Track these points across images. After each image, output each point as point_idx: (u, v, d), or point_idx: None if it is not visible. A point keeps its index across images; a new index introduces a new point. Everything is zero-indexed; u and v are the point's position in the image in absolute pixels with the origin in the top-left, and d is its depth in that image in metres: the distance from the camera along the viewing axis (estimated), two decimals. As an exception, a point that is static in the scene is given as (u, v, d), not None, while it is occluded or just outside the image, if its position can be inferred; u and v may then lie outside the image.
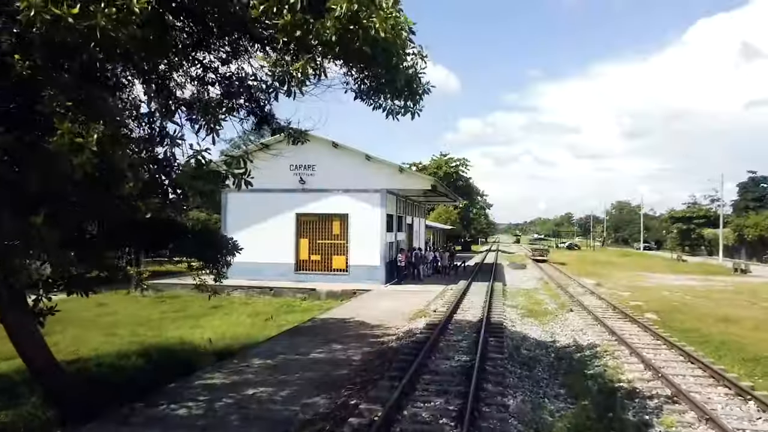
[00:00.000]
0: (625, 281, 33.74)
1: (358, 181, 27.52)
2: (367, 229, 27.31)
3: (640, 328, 15.76)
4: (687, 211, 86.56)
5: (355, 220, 27.54)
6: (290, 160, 27.99)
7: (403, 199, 32.64)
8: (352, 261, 27.57)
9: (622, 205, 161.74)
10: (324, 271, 27.96)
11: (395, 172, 26.99)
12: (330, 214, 27.94)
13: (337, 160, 27.81)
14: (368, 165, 27.48)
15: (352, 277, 27.45)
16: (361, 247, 27.40)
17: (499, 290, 24.53)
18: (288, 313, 21.70)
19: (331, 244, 28.00)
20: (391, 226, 29.61)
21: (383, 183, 27.31)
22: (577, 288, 27.47)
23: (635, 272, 43.44)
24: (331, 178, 27.72)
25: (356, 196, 27.55)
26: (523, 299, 22.50)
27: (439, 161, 71.63)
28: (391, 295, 23.24)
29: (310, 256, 28.14)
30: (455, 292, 23.18)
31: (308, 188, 27.90)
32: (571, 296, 23.25)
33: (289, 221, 28.05)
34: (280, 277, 27.89)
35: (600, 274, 38.74)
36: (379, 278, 27.21)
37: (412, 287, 26.38)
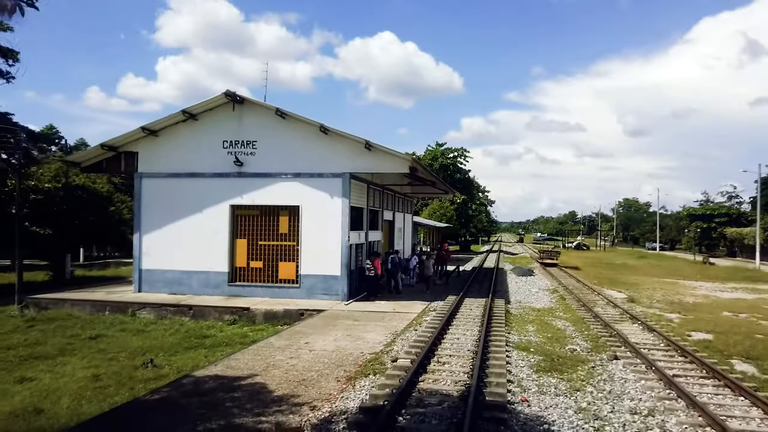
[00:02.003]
0: (660, 293, 26.68)
1: (312, 161, 20.56)
2: (325, 227, 20.36)
3: (752, 405, 8.76)
4: (707, 208, 79.33)
5: (308, 214, 20.58)
6: (223, 134, 21.12)
7: (378, 188, 25.60)
8: (304, 269, 20.59)
9: (630, 203, 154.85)
10: (267, 283, 20.97)
11: (361, 150, 20.00)
12: (275, 207, 20.97)
13: (285, 134, 20.83)
14: (325, 140, 20.49)
15: (304, 291, 20.50)
16: (316, 251, 20.44)
17: (500, 312, 17.51)
18: (191, 348, 14.84)
19: (276, 246, 21.01)
20: (359, 223, 22.60)
21: (346, 164, 20.32)
22: (606, 307, 20.41)
23: (663, 279, 36.38)
24: (276, 159, 20.76)
25: (310, 182, 20.58)
26: (535, 330, 15.44)
27: (435, 151, 64.43)
28: (347, 322, 16.23)
29: (250, 263, 21.15)
30: (437, 318, 16.17)
31: (247, 172, 20.93)
32: (603, 323, 16.23)
33: (221, 216, 21.09)
34: (210, 290, 20.98)
35: (625, 283, 31.69)
36: (340, 293, 20.23)
37: (381, 306, 19.37)
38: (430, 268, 24.48)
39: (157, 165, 21.56)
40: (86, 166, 22.24)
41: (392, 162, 20.02)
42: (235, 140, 21.02)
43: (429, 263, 24.51)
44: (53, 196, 30.09)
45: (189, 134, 21.42)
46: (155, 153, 21.60)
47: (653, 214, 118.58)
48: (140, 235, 21.58)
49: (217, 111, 21.24)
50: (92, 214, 31.33)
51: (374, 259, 22.06)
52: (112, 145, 21.38)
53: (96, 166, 22.25)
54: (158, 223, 21.48)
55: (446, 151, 64.69)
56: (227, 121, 21.11)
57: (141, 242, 21.58)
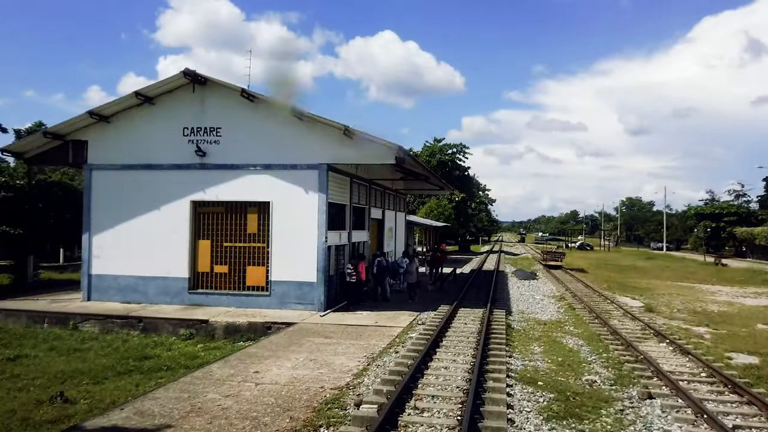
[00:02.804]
0: (678, 300, 23.97)
1: (284, 151, 17.89)
2: (299, 226, 17.70)
3: None
4: (715, 206, 76.52)
5: (280, 211, 17.91)
6: (183, 120, 18.45)
7: (364, 183, 22.90)
8: (275, 275, 17.91)
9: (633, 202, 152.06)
10: (233, 290, 18.29)
11: (340, 138, 17.31)
12: (243, 203, 18.30)
13: (253, 119, 18.15)
14: (299, 127, 17.81)
15: (275, 300, 17.82)
16: (289, 254, 17.77)
17: (500, 327, 14.82)
18: (124, 373, 12.23)
19: (244, 248, 18.33)
20: (339, 221, 19.91)
21: (323, 154, 17.65)
22: (624, 319, 17.70)
23: (677, 283, 33.67)
24: (244, 148, 18.09)
25: (282, 174, 17.90)
26: (542, 352, 12.74)
27: (433, 147, 61.62)
28: (316, 340, 13.55)
29: (213, 267, 18.47)
30: (425, 335, 13.48)
31: (210, 163, 18.26)
32: (623, 341, 13.54)
33: (181, 213, 18.42)
34: (168, 299, 18.32)
35: (637, 288, 28.98)
36: (316, 302, 17.55)
37: (362, 318, 16.69)
38: (415, 274, 21.30)
39: (109, 155, 18.88)
40: (30, 156, 19.59)
41: (376, 151, 17.32)
42: (196, 127, 18.34)
43: (413, 268, 21.28)
44: (27, 194, 28.42)
45: (145, 120, 18.74)
46: (107, 142, 18.92)
47: (658, 213, 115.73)
48: (89, 235, 18.90)
49: (176, 94, 18.57)
50: (70, 213, 29.05)
51: (358, 263, 19.38)
52: (57, 132, 18.70)
53: (41, 157, 19.59)
54: (110, 221, 18.81)
55: (444, 147, 61.89)
56: (188, 106, 18.43)
57: (90, 244, 18.90)
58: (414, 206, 58.75)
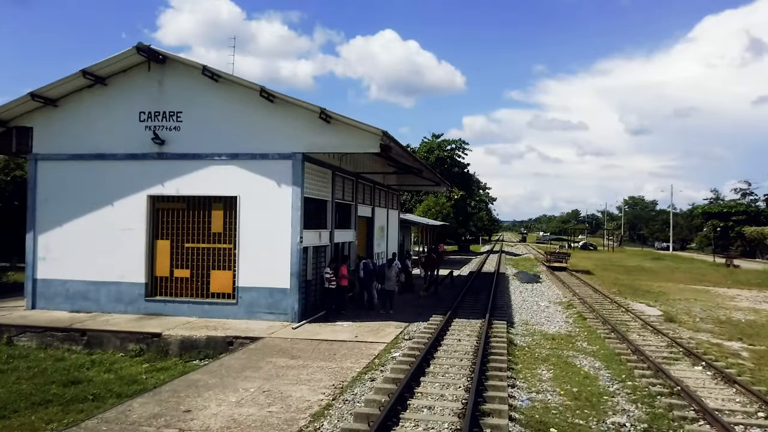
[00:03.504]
0: (698, 307, 21.66)
1: (254, 138, 15.63)
2: (270, 224, 15.44)
3: None
4: (723, 205, 74.11)
5: (248, 207, 15.64)
6: (139, 104, 16.18)
7: (350, 177, 20.58)
8: (243, 280, 15.63)
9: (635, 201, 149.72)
10: (196, 297, 16.02)
11: (317, 123, 15.03)
12: (206, 198, 16.03)
13: (218, 102, 15.87)
14: (270, 110, 15.52)
15: (242, 309, 15.55)
16: (259, 256, 15.51)
17: (500, 344, 12.53)
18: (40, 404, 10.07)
19: (208, 250, 16.05)
20: (319, 219, 17.62)
21: (297, 142, 15.36)
22: (644, 331, 15.39)
23: (690, 286, 31.35)
24: (207, 135, 15.82)
25: (251, 165, 15.62)
26: (552, 378, 10.43)
27: (431, 143, 59.22)
28: (279, 362, 11.25)
29: (174, 271, 16.19)
30: (410, 355, 11.18)
31: (169, 152, 15.99)
32: (650, 363, 11.27)
33: (137, 210, 16.15)
34: (123, 307, 16.08)
35: (650, 292, 26.67)
36: (289, 311, 15.27)
37: (340, 331, 14.40)
38: (393, 281, 18.13)
39: (57, 144, 16.61)
40: (-31, 145, 17.30)
41: (358, 138, 15.03)
42: (154, 111, 16.06)
43: (392, 273, 18.10)
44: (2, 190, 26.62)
45: (97, 104, 16.45)
46: (54, 129, 16.65)
47: (662, 213, 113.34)
48: (34, 234, 16.63)
49: (132, 74, 16.28)
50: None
51: (340, 266, 17.11)
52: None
53: (-18, 146, 17.30)
54: (57, 219, 16.53)
55: (443, 144, 59.48)
56: (144, 87, 16.15)
57: (35, 244, 16.63)
58: (411, 204, 56.43)
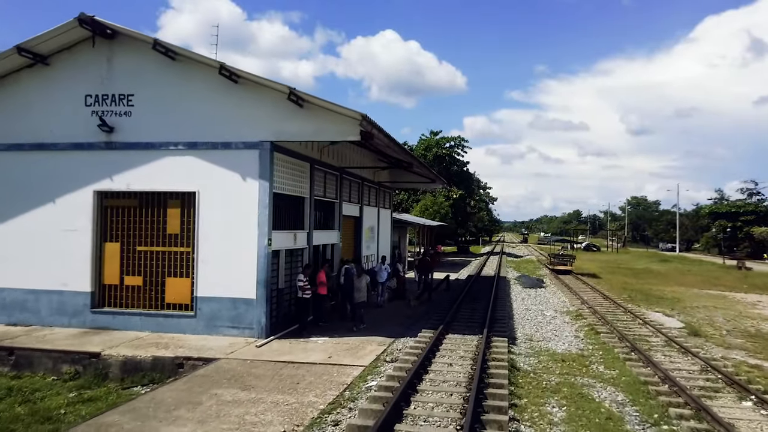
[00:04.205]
0: (721, 316, 19.51)
1: (215, 125, 13.50)
2: (234, 224, 13.31)
3: None
4: (731, 205, 71.85)
5: (209, 204, 13.51)
6: (85, 86, 14.06)
7: (333, 171, 18.41)
8: (203, 289, 13.49)
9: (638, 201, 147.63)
10: (149, 309, 13.88)
11: (288, 106, 12.91)
12: (161, 194, 13.89)
13: (175, 83, 13.75)
14: (234, 92, 13.40)
15: (201, 322, 13.41)
16: (221, 261, 13.37)
17: (500, 367, 10.39)
18: None
19: (163, 254, 13.90)
20: (294, 218, 15.48)
21: (265, 128, 13.24)
22: (668, 349, 13.22)
23: (707, 291, 29.20)
24: (163, 121, 13.70)
25: (212, 156, 13.50)
26: (565, 416, 8.37)
27: (429, 141, 57.01)
28: (227, 394, 9.10)
29: (124, 279, 14.05)
30: (387, 387, 9.02)
31: (119, 141, 13.86)
32: (687, 397, 9.10)
33: (82, 208, 14.03)
34: (66, 320, 13.97)
35: (663, 298, 24.52)
36: (255, 325, 13.14)
37: (312, 351, 12.24)
38: (363, 291, 15.45)
39: (-7, 132, 14.49)
40: None
41: (334, 124, 12.90)
42: (102, 94, 13.93)
43: (362, 284, 15.40)
44: None
45: (37, 87, 14.33)
46: (-11, 115, 14.53)
47: (665, 213, 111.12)
48: (-34, 236, 14.51)
49: (77, 51, 14.16)
50: None
51: (318, 272, 14.99)
52: None
53: None
54: (-8, 218, 14.41)
55: (441, 141, 57.28)
56: (91, 66, 14.03)
57: (-32, 247, 14.51)
58: (408, 204, 54.26)
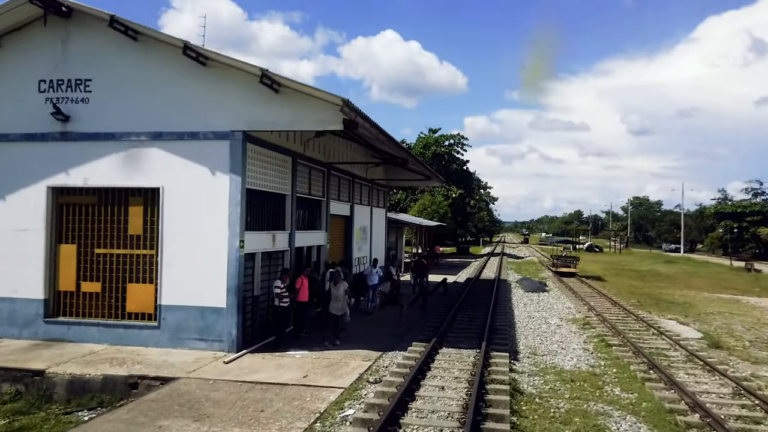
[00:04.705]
0: (739, 324, 18.06)
1: (181, 113, 12.06)
2: (202, 224, 11.88)
3: None
4: (737, 205, 70.32)
5: (175, 202, 12.07)
6: (38, 70, 12.63)
7: (320, 167, 16.95)
8: (167, 297, 12.04)
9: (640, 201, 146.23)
10: (108, 318, 12.44)
11: (259, 90, 11.46)
12: (123, 190, 12.44)
13: (137, 66, 12.31)
14: (202, 76, 11.97)
15: (166, 334, 11.97)
16: (188, 266, 11.94)
17: (500, 396, 8.93)
18: None
19: (124, 257, 12.45)
20: (272, 218, 14.03)
21: (236, 117, 11.80)
22: (691, 365, 11.75)
23: (718, 295, 27.72)
24: (124, 109, 12.26)
25: (178, 147, 12.05)
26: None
27: (427, 139, 55.53)
28: (177, 427, 7.64)
29: (81, 285, 12.59)
30: (366, 421, 7.54)
31: (75, 131, 12.42)
32: (710, 417, 7.65)
33: (34, 206, 12.58)
34: (16, 330, 12.58)
35: (674, 303, 23.06)
36: (225, 337, 11.69)
37: (285, 369, 10.78)
38: (342, 302, 13.16)
39: (-62, 122, 13.05)
40: None
41: (314, 111, 11.46)
42: (57, 79, 12.49)
43: (339, 292, 13.13)
44: None
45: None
46: (-66, 103, 13.08)
47: (668, 213, 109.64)
48: None
49: (30, 32, 12.73)
50: None
51: (295, 278, 13.53)
52: None
53: None
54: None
55: (440, 139, 55.79)
56: (45, 48, 12.59)
57: None
58: (406, 203, 52.79)
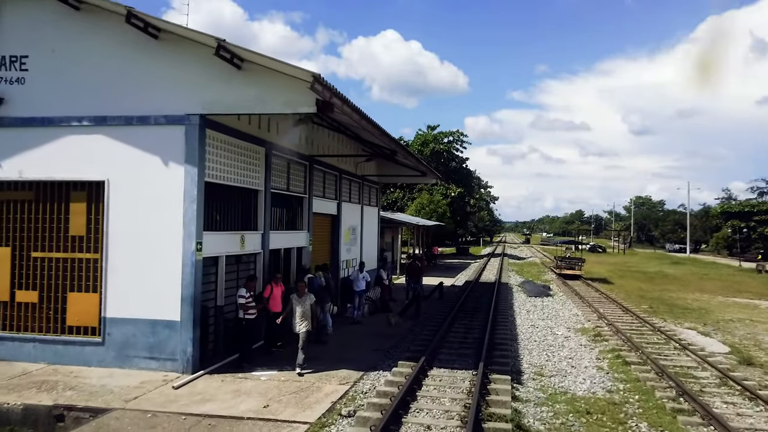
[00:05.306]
0: (765, 333, 16.35)
1: (129, 94, 10.37)
2: (154, 223, 10.19)
3: None
4: (744, 204, 68.55)
5: (122, 197, 10.39)
6: (-36, 45, 10.83)
7: (301, 161, 15.22)
8: (113, 308, 10.34)
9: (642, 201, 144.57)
10: (46, 333, 10.73)
11: (219, 67, 9.77)
12: (63, 185, 10.74)
13: (79, 41, 10.62)
14: (153, 51, 10.27)
15: (111, 351, 10.28)
16: (137, 272, 10.23)
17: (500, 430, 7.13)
18: None
19: (65, 261, 10.73)
20: (245, 217, 12.31)
21: (192, 98, 10.10)
22: (727, 390, 10.04)
23: (733, 299, 26.01)
24: (64, 90, 10.59)
25: (125, 134, 10.36)
26: None
27: (426, 136, 53.79)
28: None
29: (15, 293, 10.89)
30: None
31: (9, 116, 10.76)
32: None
33: (-38, 202, 10.88)
34: (-57, 346, 10.75)
35: (689, 309, 21.35)
36: (179, 355, 9.99)
37: (244, 396, 9.05)
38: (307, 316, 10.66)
39: None
40: None
41: (282, 91, 9.77)
42: (-12, 55, 10.79)
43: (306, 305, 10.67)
44: None
45: None
46: None
47: (672, 213, 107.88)
48: None
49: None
50: None
51: (265, 285, 11.82)
52: None
53: None
54: None
55: (439, 136, 54.04)
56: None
57: None
58: (404, 202, 51.10)
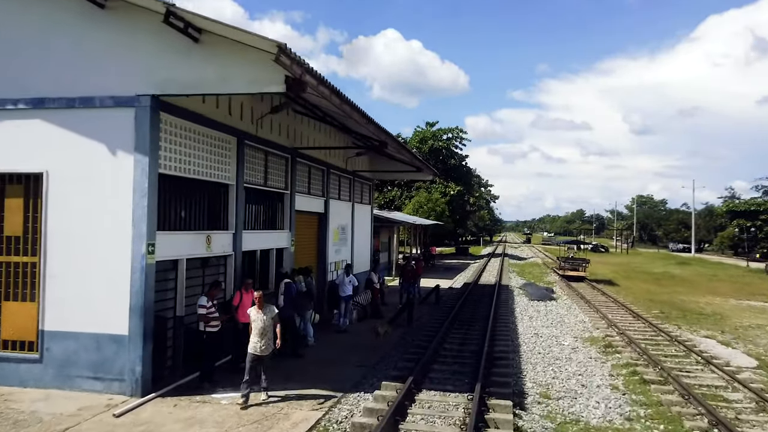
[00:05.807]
0: (791, 343, 14.92)
1: (70, 73, 8.94)
2: (99, 222, 8.75)
3: None
4: (751, 203, 67.10)
5: (63, 191, 8.96)
6: None
7: (282, 153, 13.78)
8: (53, 320, 8.92)
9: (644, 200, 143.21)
10: (-23, 348, 9.30)
11: (172, 38, 8.35)
12: (-5, 177, 9.33)
13: (15, 11, 9.20)
14: (97, 21, 8.87)
15: (51, 368, 8.85)
16: (80, 277, 8.81)
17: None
18: None
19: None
20: (213, 214, 10.89)
21: (143, 76, 8.68)
22: (761, 414, 8.59)
23: (746, 302, 24.62)
24: (-4, 67, 9.15)
25: (67, 118, 8.93)
26: None
27: (424, 133, 52.34)
28: None
29: (-57, 302, 9.48)
30: None
31: (-66, 98, 9.29)
32: None
33: None
34: None
35: (703, 314, 19.95)
36: (127, 374, 8.55)
37: (200, 426, 7.61)
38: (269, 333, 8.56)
39: None
40: None
41: (245, 67, 8.35)
42: None
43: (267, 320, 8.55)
44: None
45: None
46: None
47: (676, 212, 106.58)
48: None
49: None
50: None
51: (240, 292, 10.39)
52: None
53: None
54: None
55: (438, 133, 52.60)
56: None
57: None
58: (401, 201, 49.67)
